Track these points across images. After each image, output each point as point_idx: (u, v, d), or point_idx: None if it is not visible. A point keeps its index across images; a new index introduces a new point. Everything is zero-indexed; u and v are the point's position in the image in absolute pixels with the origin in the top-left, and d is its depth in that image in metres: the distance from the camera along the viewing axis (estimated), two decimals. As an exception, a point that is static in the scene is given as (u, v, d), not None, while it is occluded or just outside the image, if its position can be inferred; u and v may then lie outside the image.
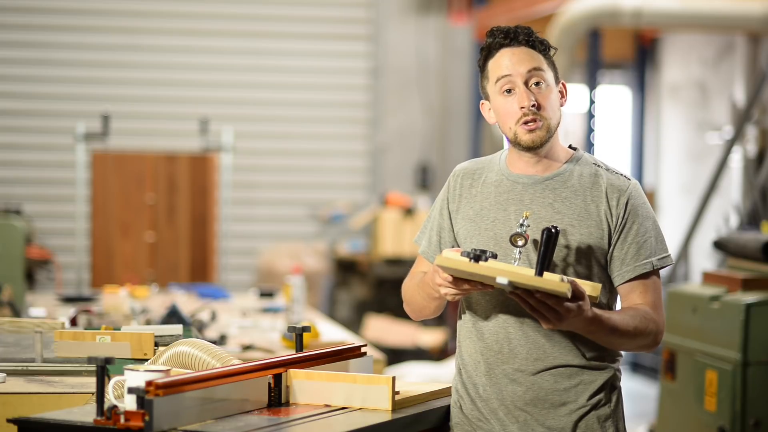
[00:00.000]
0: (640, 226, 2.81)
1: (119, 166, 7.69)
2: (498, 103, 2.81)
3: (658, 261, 2.82)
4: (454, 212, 2.91)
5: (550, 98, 2.79)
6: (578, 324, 2.66)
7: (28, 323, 3.47)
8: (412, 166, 10.57)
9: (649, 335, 2.79)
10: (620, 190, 2.81)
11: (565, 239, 2.78)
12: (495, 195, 2.85)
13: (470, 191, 2.89)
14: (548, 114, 2.78)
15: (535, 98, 2.77)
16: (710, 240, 5.72)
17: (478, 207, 2.86)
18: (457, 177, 2.94)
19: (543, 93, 2.78)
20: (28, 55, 10.16)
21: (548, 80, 2.80)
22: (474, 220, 2.85)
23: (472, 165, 2.95)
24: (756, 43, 8.56)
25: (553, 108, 2.80)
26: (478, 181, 2.90)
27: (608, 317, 2.71)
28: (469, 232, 2.86)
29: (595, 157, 2.91)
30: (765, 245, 4.85)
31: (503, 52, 2.80)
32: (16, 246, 6.42)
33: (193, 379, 2.50)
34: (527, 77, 2.77)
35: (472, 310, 2.89)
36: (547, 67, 2.81)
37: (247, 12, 10.44)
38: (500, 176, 2.87)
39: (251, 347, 4.53)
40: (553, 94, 2.80)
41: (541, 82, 2.78)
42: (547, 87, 2.79)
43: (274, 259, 9.66)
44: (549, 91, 2.79)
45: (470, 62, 10.48)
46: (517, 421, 2.81)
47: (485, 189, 2.87)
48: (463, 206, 2.89)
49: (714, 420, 4.66)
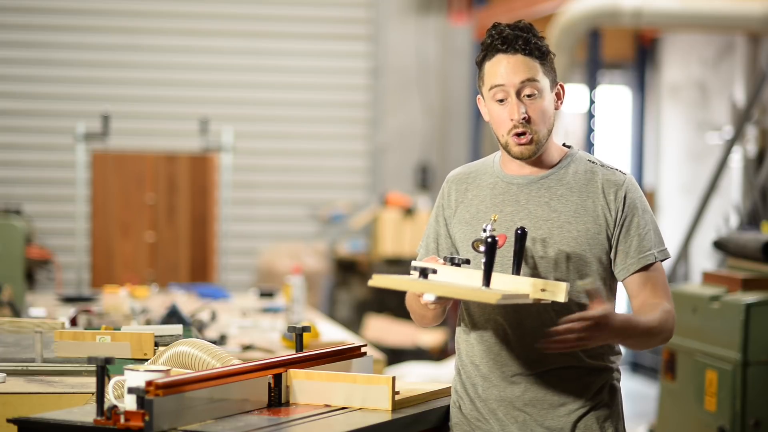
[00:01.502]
0: (641, 219, 2.81)
1: (119, 166, 7.69)
2: (491, 108, 2.82)
3: (659, 253, 2.82)
4: (450, 218, 2.91)
5: (542, 109, 2.78)
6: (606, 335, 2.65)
7: (28, 323, 3.47)
8: (412, 166, 10.57)
9: (669, 329, 2.81)
10: (617, 185, 2.81)
11: (563, 236, 2.78)
12: (491, 197, 2.86)
13: (465, 195, 2.90)
14: (538, 127, 2.78)
15: (526, 110, 2.76)
16: (710, 240, 5.72)
17: (474, 210, 2.87)
18: (450, 183, 2.94)
19: (535, 104, 2.76)
20: (28, 55, 10.16)
21: (542, 89, 2.78)
22: (470, 224, 2.86)
23: (465, 170, 2.95)
24: (756, 43, 8.56)
25: (545, 118, 2.79)
26: (473, 185, 2.90)
27: (637, 321, 2.73)
28: (465, 235, 2.86)
29: (589, 154, 2.91)
30: (765, 245, 4.85)
31: (499, 58, 2.77)
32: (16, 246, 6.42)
33: (193, 379, 2.50)
34: (519, 88, 2.76)
35: (471, 312, 2.89)
36: (542, 75, 2.78)
37: (247, 12, 10.44)
38: (495, 179, 2.87)
39: (251, 347, 4.53)
40: (546, 103, 2.79)
41: (534, 93, 2.76)
42: (541, 97, 2.77)
43: (274, 259, 9.66)
44: (542, 101, 2.78)
45: (470, 62, 10.48)
46: (516, 421, 2.81)
47: (481, 192, 2.88)
48: (460, 211, 2.89)
49: (714, 420, 4.66)
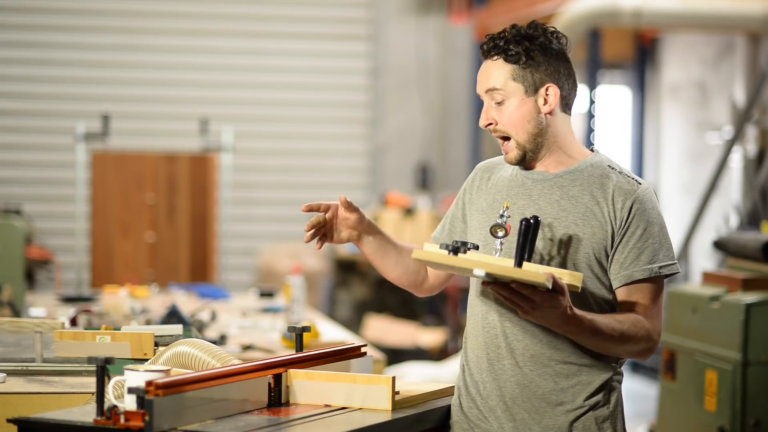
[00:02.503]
0: (644, 232, 2.78)
1: (119, 166, 7.69)
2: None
3: (659, 268, 2.78)
4: (469, 203, 2.96)
5: (510, 115, 2.80)
6: (555, 319, 2.65)
7: (28, 323, 3.47)
8: (412, 166, 10.57)
9: (639, 342, 2.76)
10: (627, 193, 2.79)
11: (567, 236, 2.79)
12: (507, 189, 2.88)
13: (487, 184, 2.94)
14: (514, 132, 2.81)
15: (490, 118, 2.82)
16: (710, 240, 5.72)
17: (491, 199, 2.90)
18: (478, 171, 3.00)
19: (502, 110, 2.81)
20: (28, 55, 10.16)
21: (508, 96, 2.80)
22: (486, 212, 2.89)
23: (494, 160, 3.01)
24: (756, 43, 8.56)
25: (516, 123, 2.80)
26: (496, 175, 2.94)
27: (590, 318, 2.70)
28: (480, 223, 2.89)
29: (611, 160, 2.89)
30: (765, 245, 4.85)
31: (482, 66, 2.86)
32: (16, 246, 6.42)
33: (193, 379, 2.50)
34: (486, 96, 2.83)
35: (475, 306, 2.90)
36: (507, 82, 2.80)
37: (247, 12, 10.44)
38: (515, 171, 2.91)
39: (251, 347, 4.53)
40: (513, 109, 2.80)
41: (501, 100, 2.81)
42: (509, 103, 2.81)
43: (274, 259, 9.66)
44: (509, 107, 2.81)
45: (470, 62, 10.48)
46: (514, 419, 2.81)
47: (500, 183, 2.91)
48: (479, 198, 2.93)
49: (714, 420, 4.66)
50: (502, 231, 2.72)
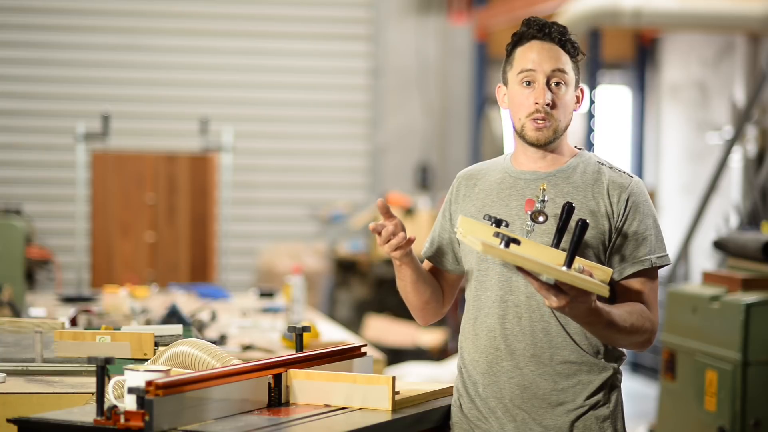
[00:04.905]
0: (640, 224, 2.82)
1: (119, 166, 7.69)
2: (515, 91, 2.85)
3: (656, 259, 2.83)
4: (455, 213, 2.94)
5: (566, 101, 2.84)
6: (582, 312, 2.66)
7: (28, 323, 3.47)
8: (412, 166, 10.57)
9: (644, 333, 2.80)
10: (621, 187, 2.83)
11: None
12: (497, 192, 2.88)
13: (473, 191, 2.93)
14: (560, 116, 2.83)
15: (551, 98, 2.80)
16: (710, 240, 5.72)
17: (480, 204, 2.89)
18: (460, 179, 2.98)
19: (560, 94, 2.82)
20: (28, 55, 10.16)
21: (569, 83, 2.84)
22: (476, 217, 2.87)
23: (475, 168, 3.00)
24: (756, 43, 8.56)
25: (566, 111, 2.84)
26: (481, 181, 2.93)
27: (608, 311, 2.72)
28: None
29: (599, 156, 2.94)
30: (765, 245, 4.85)
31: (533, 44, 2.83)
32: (16, 246, 6.41)
33: (193, 379, 2.50)
34: (549, 75, 2.81)
35: (472, 307, 2.90)
36: (570, 70, 2.84)
37: (247, 12, 10.44)
38: (503, 174, 2.90)
39: (251, 347, 4.53)
40: (569, 97, 2.84)
41: (561, 84, 2.82)
42: (566, 90, 2.83)
43: (274, 259, 9.66)
44: (566, 94, 2.84)
45: (470, 62, 10.48)
46: (514, 420, 2.82)
47: (488, 187, 2.91)
48: (467, 205, 2.92)
49: (714, 420, 4.66)
50: (542, 216, 2.76)
